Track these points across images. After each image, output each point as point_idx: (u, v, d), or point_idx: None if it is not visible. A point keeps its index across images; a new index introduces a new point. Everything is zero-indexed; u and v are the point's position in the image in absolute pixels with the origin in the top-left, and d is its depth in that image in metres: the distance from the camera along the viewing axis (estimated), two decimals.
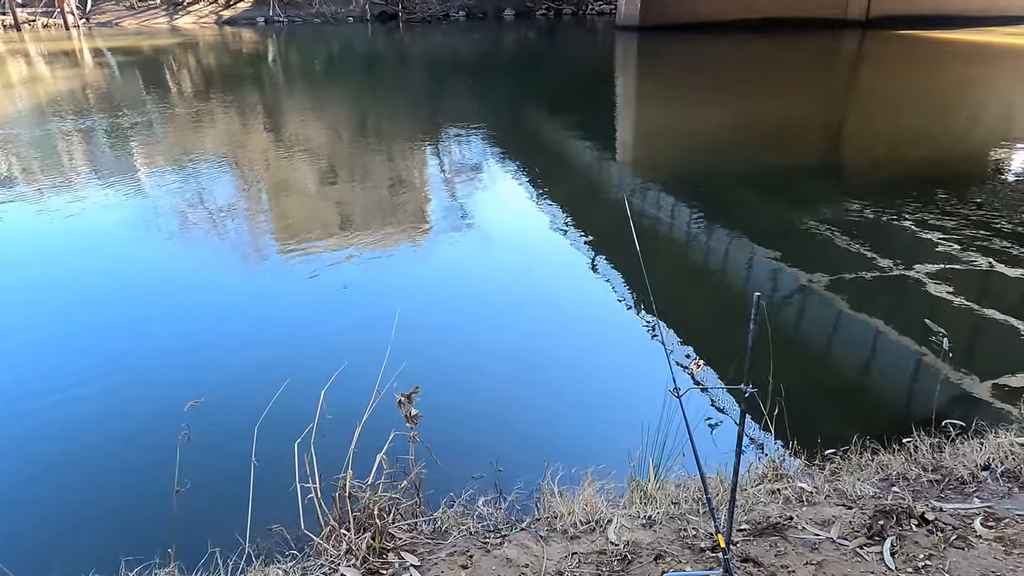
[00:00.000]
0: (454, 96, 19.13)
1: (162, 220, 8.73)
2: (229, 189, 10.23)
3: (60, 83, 20.38)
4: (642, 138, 14.47)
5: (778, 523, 2.69)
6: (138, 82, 20.91)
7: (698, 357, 5.37)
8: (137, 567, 2.70)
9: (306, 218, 9.08)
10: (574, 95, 19.30)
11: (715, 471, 3.37)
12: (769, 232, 8.15)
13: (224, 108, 16.78)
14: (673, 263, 7.66)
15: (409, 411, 3.03)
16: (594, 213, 9.36)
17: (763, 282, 7.06)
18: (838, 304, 6.31)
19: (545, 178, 10.82)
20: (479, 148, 12.91)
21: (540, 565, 2.54)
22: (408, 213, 9.31)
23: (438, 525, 2.88)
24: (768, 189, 9.89)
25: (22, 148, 12.56)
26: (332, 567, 2.55)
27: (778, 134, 13.30)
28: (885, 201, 8.80)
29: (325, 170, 11.37)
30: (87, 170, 11.18)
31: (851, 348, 5.88)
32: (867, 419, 4.83)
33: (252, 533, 2.88)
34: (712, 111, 15.62)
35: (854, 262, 7.08)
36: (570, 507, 2.97)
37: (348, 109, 17.48)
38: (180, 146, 12.89)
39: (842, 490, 3.08)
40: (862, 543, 2.54)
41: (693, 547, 2.59)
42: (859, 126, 14.59)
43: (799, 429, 4.00)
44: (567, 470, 3.40)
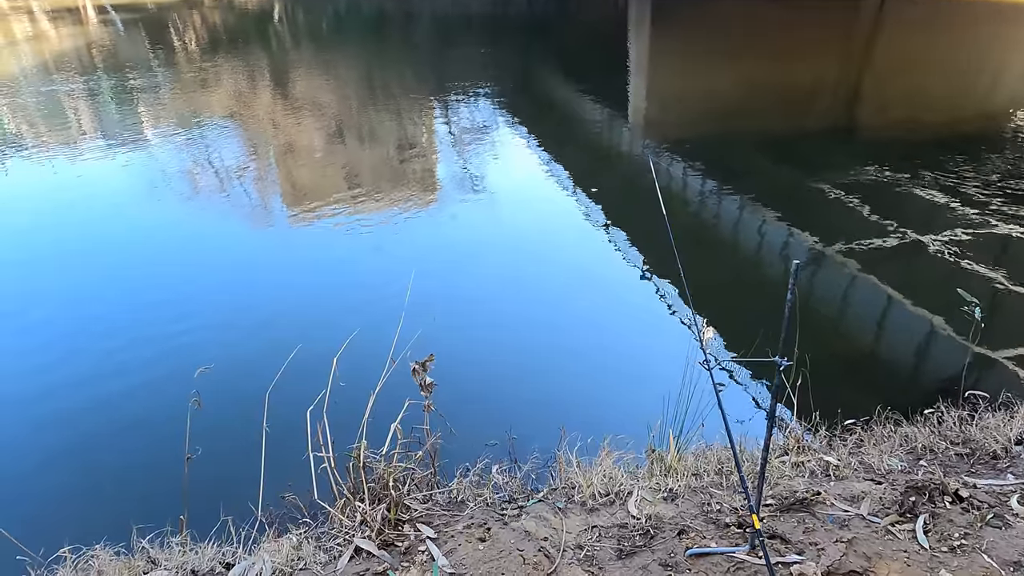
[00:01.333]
0: (464, 57, 18.71)
1: (169, 183, 8.60)
2: (237, 151, 10.07)
3: (65, 41, 20.06)
4: (655, 101, 14.12)
5: (805, 498, 2.61)
6: (143, 41, 20.56)
7: (707, 326, 5.26)
8: (149, 535, 2.65)
9: (316, 181, 8.93)
10: (587, 58, 18.84)
11: (736, 443, 3.28)
12: (783, 197, 7.94)
13: (230, 68, 16.47)
14: (683, 229, 7.48)
15: (424, 379, 2.94)
16: (607, 177, 9.16)
17: (776, 249, 6.91)
18: (855, 271, 6.15)
19: (557, 141, 10.58)
20: (489, 110, 12.64)
21: (559, 538, 2.48)
22: (418, 176, 9.14)
23: (454, 496, 2.82)
24: (782, 153, 9.64)
25: (28, 108, 12.39)
26: (346, 538, 2.49)
27: (793, 97, 12.95)
28: (903, 165, 8.56)
29: (334, 132, 11.16)
30: (93, 131, 11.02)
31: (867, 317, 5.75)
32: (887, 390, 4.74)
33: (264, 501, 2.83)
34: (727, 74, 15.21)
35: (871, 228, 6.89)
36: (588, 478, 2.89)
37: (356, 70, 17.14)
38: (187, 106, 12.67)
39: (869, 464, 2.99)
40: (894, 520, 2.46)
41: (717, 522, 2.52)
42: (876, 89, 14.17)
43: (819, 400, 3.90)
44: (584, 439, 3.31)
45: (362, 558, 2.40)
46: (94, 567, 2.48)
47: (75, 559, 2.51)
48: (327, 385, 2.92)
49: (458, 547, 2.43)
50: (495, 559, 2.36)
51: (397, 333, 3.14)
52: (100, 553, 2.53)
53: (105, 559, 2.51)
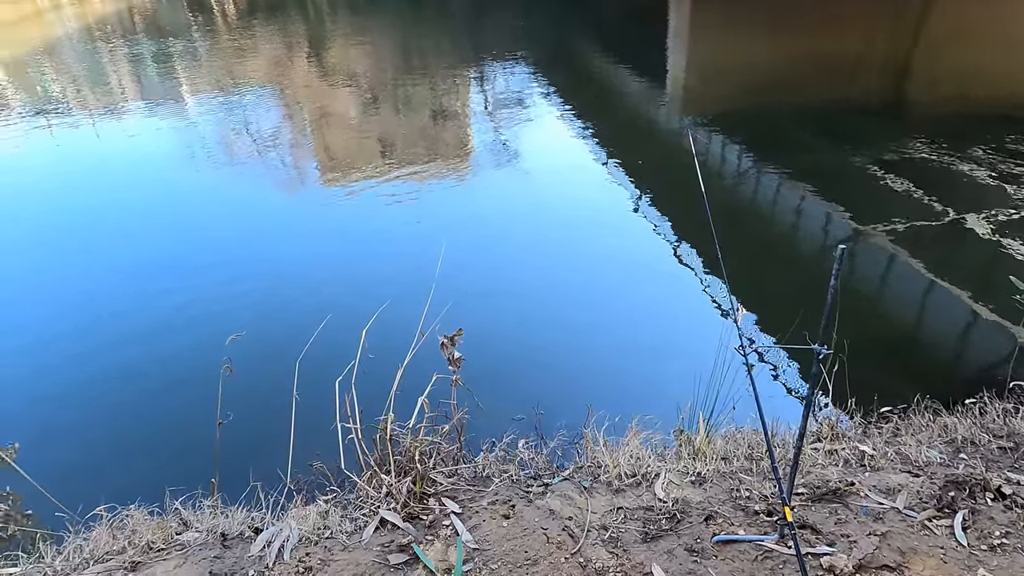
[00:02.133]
0: (501, 27, 18.41)
1: (206, 148, 8.70)
2: (273, 118, 10.11)
3: (107, 5, 20.28)
4: (695, 74, 13.73)
5: (838, 489, 2.54)
6: (183, 6, 20.66)
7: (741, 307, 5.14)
8: (181, 496, 2.72)
9: (350, 150, 8.93)
10: (625, 28, 18.38)
11: (768, 429, 3.21)
12: (824, 174, 7.67)
13: (268, 35, 16.50)
14: (719, 205, 7.29)
15: (452, 354, 2.92)
16: (643, 151, 8.97)
17: (816, 228, 6.71)
18: (897, 253, 5.94)
19: (593, 113, 10.38)
20: (525, 81, 12.45)
21: (584, 518, 2.46)
22: (452, 146, 9.07)
23: (479, 471, 2.81)
24: (824, 129, 9.29)
25: (72, 71, 12.60)
26: (372, 510, 2.51)
27: (838, 71, 12.44)
28: (952, 143, 8.18)
29: (369, 101, 11.12)
30: (135, 95, 11.17)
31: (908, 301, 5.56)
32: (927, 377, 4.59)
33: (293, 469, 2.86)
34: (769, 46, 14.69)
35: (914, 208, 6.63)
36: (615, 458, 2.86)
37: (392, 39, 17.01)
38: (225, 73, 12.75)
39: (906, 455, 2.90)
40: (931, 515, 2.38)
41: (747, 509, 2.47)
42: (928, 62, 13.53)
43: (855, 386, 3.78)
44: (611, 418, 3.28)
45: (387, 529, 2.41)
46: (129, 526, 2.54)
47: (111, 517, 2.58)
48: (356, 356, 2.92)
49: (482, 523, 2.43)
50: (519, 536, 2.36)
51: (427, 306, 3.12)
52: (135, 513, 2.60)
53: (139, 518, 2.57)
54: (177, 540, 2.46)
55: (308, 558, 2.28)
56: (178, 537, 2.49)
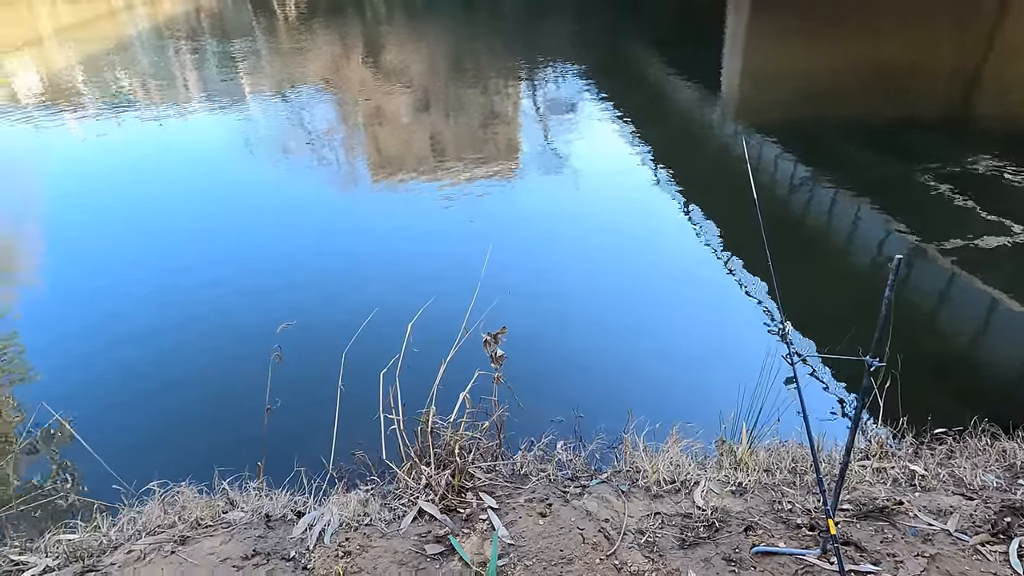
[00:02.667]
0: (555, 31, 18.44)
1: (263, 145, 8.97)
2: (328, 116, 10.37)
3: (176, 6, 21.11)
4: (750, 81, 13.48)
5: (886, 507, 2.47)
6: (247, 7, 21.35)
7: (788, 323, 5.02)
8: (228, 477, 2.81)
9: (401, 149, 9.08)
10: (679, 31, 18.19)
11: (815, 443, 3.14)
12: (883, 187, 7.41)
13: (326, 36, 16.91)
14: (771, 215, 7.13)
15: (495, 352, 2.95)
16: (694, 159, 8.87)
17: (872, 242, 6.50)
18: (958, 272, 5.71)
19: (645, 119, 10.31)
20: (577, 85, 12.44)
21: (621, 521, 2.45)
22: (502, 148, 9.13)
23: (517, 468, 2.83)
24: (885, 140, 9.00)
25: (141, 68, 13.16)
26: (411, 500, 2.55)
27: (903, 79, 12.03)
28: (1019, 160, 7.82)
29: (421, 101, 11.29)
30: (199, 92, 11.60)
31: (969, 322, 5.34)
32: (985, 400, 4.40)
33: (335, 456, 2.94)
34: (830, 52, 14.31)
35: (980, 226, 6.36)
36: (654, 464, 2.84)
37: (446, 41, 17.22)
38: (284, 71, 13.13)
39: (959, 477, 2.80)
40: (984, 540, 2.29)
41: (788, 522, 2.42)
42: (999, 73, 12.96)
43: (908, 405, 3.66)
44: (651, 425, 3.26)
45: (425, 520, 2.45)
46: (179, 502, 2.65)
47: (163, 493, 2.70)
48: (401, 349, 2.98)
49: (519, 519, 2.45)
50: (555, 535, 2.37)
51: (472, 303, 3.16)
52: (185, 490, 2.70)
53: (189, 495, 2.68)
54: (224, 518, 2.55)
55: (347, 543, 2.33)
56: (225, 516, 2.58)
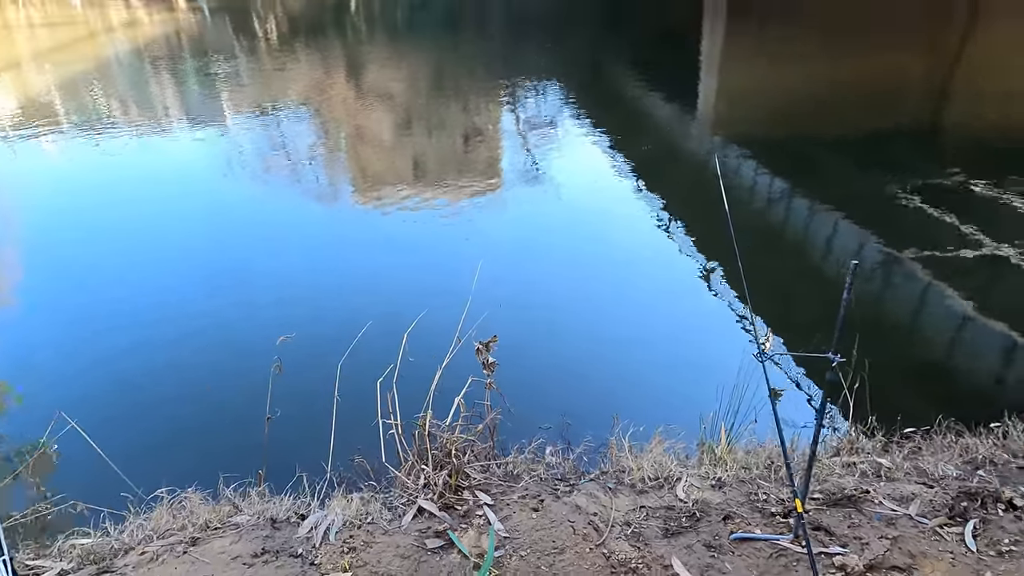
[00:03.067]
0: (534, 47, 18.80)
1: (250, 163, 9.10)
2: (311, 136, 10.52)
3: (156, 27, 21.20)
4: (726, 96, 13.88)
5: (853, 495, 2.66)
6: (228, 28, 21.50)
7: (767, 327, 5.24)
8: (233, 483, 2.93)
9: (386, 167, 9.25)
10: (657, 50, 18.64)
11: (788, 441, 3.33)
12: (858, 200, 7.73)
13: (307, 56, 17.10)
14: (751, 228, 7.42)
15: (487, 359, 3.11)
16: (673, 172, 9.14)
17: (848, 253, 6.77)
18: (928, 279, 5.98)
19: (624, 135, 10.58)
20: (557, 103, 12.73)
21: (608, 515, 2.61)
22: (485, 165, 9.34)
23: (510, 469, 2.98)
24: (860, 155, 9.35)
25: (121, 89, 13.22)
26: (410, 499, 2.69)
27: (875, 95, 12.48)
28: (990, 172, 8.18)
29: (404, 120, 11.48)
30: (180, 113, 11.70)
31: (938, 326, 5.60)
32: (952, 401, 4.63)
33: (335, 462, 3.07)
34: (803, 69, 14.77)
35: (949, 236, 6.66)
36: (638, 463, 3.01)
37: (428, 60, 17.49)
38: (265, 92, 13.26)
39: (923, 469, 2.99)
40: (942, 522, 2.48)
41: (763, 511, 2.60)
42: (967, 87, 13.47)
43: (878, 404, 3.87)
44: (636, 427, 3.42)
45: (424, 517, 2.59)
46: (187, 507, 2.76)
47: (170, 499, 2.81)
48: (397, 359, 3.14)
49: (513, 514, 2.60)
50: (547, 528, 2.52)
51: (464, 314, 3.33)
52: (191, 496, 2.82)
53: (196, 501, 2.79)
54: (231, 521, 2.67)
55: (352, 540, 2.47)
56: (231, 519, 2.70)
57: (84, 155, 9.44)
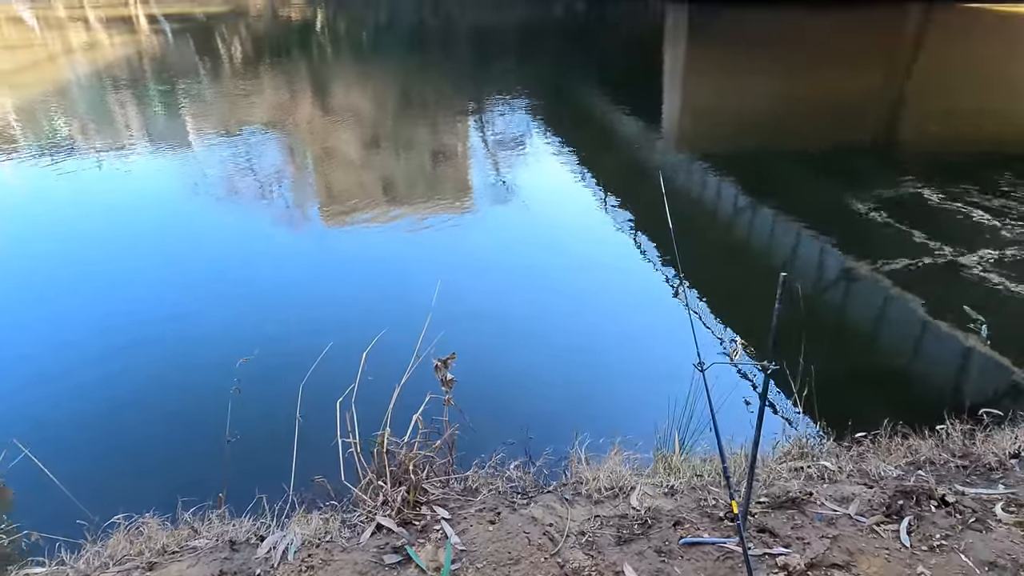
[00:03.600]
0: (500, 67, 19.05)
1: (212, 185, 9.05)
2: (277, 157, 10.51)
3: (117, 49, 20.97)
4: (689, 113, 14.24)
5: (797, 498, 2.77)
6: (191, 49, 21.37)
7: (734, 341, 5.39)
8: (192, 507, 2.93)
9: (351, 185, 9.28)
10: (620, 69, 19.03)
11: (740, 446, 3.44)
12: (817, 213, 8.00)
13: (273, 77, 17.07)
14: (716, 241, 7.63)
15: (445, 375, 3.17)
16: (635, 188, 9.33)
17: (808, 263, 6.98)
18: (881, 287, 6.21)
19: (588, 152, 10.79)
20: (522, 120, 12.91)
21: (564, 525, 2.68)
22: (450, 183, 9.43)
23: (469, 484, 3.04)
24: (818, 168, 9.68)
25: (80, 113, 13.06)
26: (369, 516, 2.73)
27: (832, 112, 12.94)
28: (942, 182, 8.53)
29: (371, 140, 11.54)
30: (141, 135, 11.59)
31: (891, 333, 5.81)
32: (901, 405, 4.80)
33: (296, 482, 3.09)
34: (763, 87, 15.24)
35: (903, 245, 6.92)
36: (595, 474, 3.09)
37: (394, 78, 17.59)
38: (230, 113, 13.21)
39: (865, 470, 3.12)
40: (879, 520, 2.60)
41: (712, 516, 2.69)
42: (919, 103, 14.06)
43: (830, 410, 4.02)
44: (595, 439, 3.51)
45: (383, 534, 2.63)
46: (144, 533, 2.76)
47: (127, 525, 2.80)
48: (356, 378, 3.18)
49: (470, 528, 2.65)
50: (503, 539, 2.58)
51: (423, 332, 3.38)
52: (149, 521, 2.82)
53: (154, 526, 2.79)
54: (189, 545, 2.68)
55: (310, 558, 2.50)
56: (190, 543, 2.70)
57: (42, 179, 9.29)
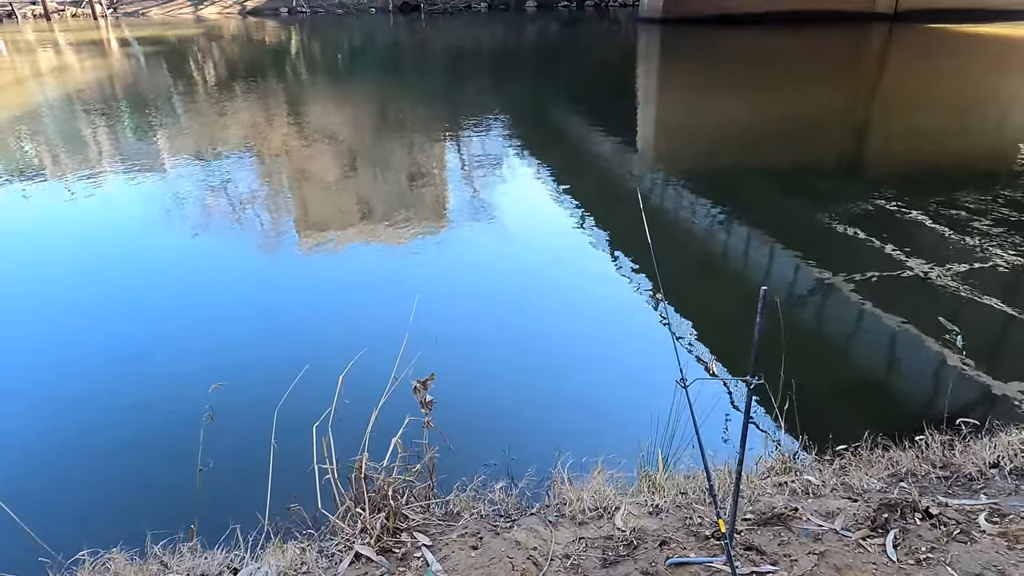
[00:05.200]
0: (475, 88, 19.17)
1: (185, 209, 8.92)
2: (252, 180, 10.40)
3: (88, 73, 20.73)
4: (663, 132, 14.42)
5: (783, 514, 2.74)
6: (163, 72, 21.20)
7: (713, 357, 5.40)
8: (161, 541, 2.82)
9: (327, 208, 9.21)
10: (595, 88, 19.24)
11: (723, 463, 3.42)
12: (790, 228, 8.12)
13: (247, 99, 16.97)
14: (692, 258, 7.66)
15: (424, 397, 3.11)
16: (612, 207, 9.38)
17: (783, 278, 7.05)
18: (856, 301, 6.28)
19: (564, 171, 10.84)
20: (499, 141, 12.96)
21: (548, 548, 2.62)
22: (427, 205, 9.40)
23: (450, 508, 2.97)
24: (790, 185, 9.84)
25: (50, 137, 12.84)
26: (347, 545, 2.64)
27: (801, 129, 13.20)
28: (909, 198, 8.71)
29: (346, 161, 11.49)
30: (113, 159, 11.41)
31: (868, 346, 5.86)
32: (881, 417, 4.83)
33: (271, 511, 2.99)
34: (735, 106, 15.51)
35: (875, 259, 7.03)
36: (579, 494, 3.04)
37: (369, 101, 17.60)
38: (204, 136, 13.09)
39: (849, 484, 3.11)
40: (865, 535, 2.58)
41: (698, 535, 2.65)
42: (884, 121, 14.40)
43: (811, 424, 4.03)
44: (578, 459, 3.46)
45: (361, 563, 2.55)
46: (111, 569, 2.64)
47: (93, 561, 2.68)
48: (333, 402, 3.10)
49: (452, 554, 2.58)
50: (486, 565, 2.51)
51: (400, 353, 3.32)
52: (116, 556, 2.70)
53: (121, 562, 2.68)
54: None
55: None
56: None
57: (8, 205, 9.09)
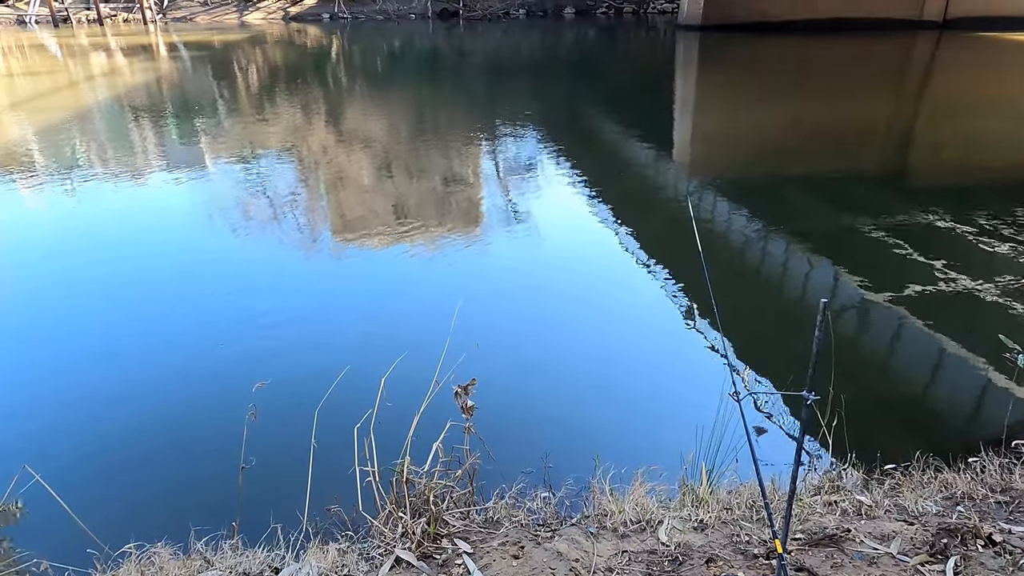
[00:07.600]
0: (512, 94, 19.21)
1: (230, 209, 9.09)
2: (291, 182, 10.56)
3: (137, 76, 21.35)
4: (700, 140, 14.24)
5: (835, 534, 2.64)
6: (208, 76, 21.72)
7: (747, 366, 5.29)
8: (204, 536, 2.85)
9: (365, 211, 9.29)
10: (632, 95, 19.13)
11: (768, 480, 3.33)
12: (831, 240, 7.93)
13: (288, 103, 17.27)
14: (728, 268, 7.53)
15: (465, 403, 3.09)
16: (650, 214, 9.28)
17: (823, 291, 6.88)
18: (902, 316, 6.10)
19: (601, 178, 10.77)
20: (535, 146, 12.95)
21: (590, 561, 2.57)
22: (465, 210, 9.42)
23: (490, 515, 2.93)
24: (831, 195, 9.61)
25: (101, 137, 13.24)
26: (388, 549, 2.63)
27: (843, 139, 12.90)
28: (956, 211, 8.45)
29: (384, 165, 11.60)
30: (159, 160, 11.70)
31: (914, 362, 5.68)
32: (930, 436, 4.67)
33: (311, 512, 2.99)
34: (774, 114, 15.26)
35: (921, 273, 6.82)
36: (620, 506, 2.98)
37: (407, 105, 17.76)
38: (246, 138, 13.35)
39: (903, 506, 3.00)
40: (923, 560, 2.48)
41: (746, 553, 2.57)
42: (930, 131, 14.02)
43: (858, 442, 3.90)
44: (617, 469, 3.40)
45: (402, 568, 2.53)
46: (156, 563, 2.67)
47: (139, 555, 2.72)
48: (374, 404, 3.10)
49: (493, 562, 2.55)
50: (528, 575, 2.47)
51: (442, 358, 3.31)
52: (161, 551, 2.73)
53: (165, 557, 2.71)
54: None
55: None
56: (202, 574, 2.61)
57: (60, 204, 9.37)
